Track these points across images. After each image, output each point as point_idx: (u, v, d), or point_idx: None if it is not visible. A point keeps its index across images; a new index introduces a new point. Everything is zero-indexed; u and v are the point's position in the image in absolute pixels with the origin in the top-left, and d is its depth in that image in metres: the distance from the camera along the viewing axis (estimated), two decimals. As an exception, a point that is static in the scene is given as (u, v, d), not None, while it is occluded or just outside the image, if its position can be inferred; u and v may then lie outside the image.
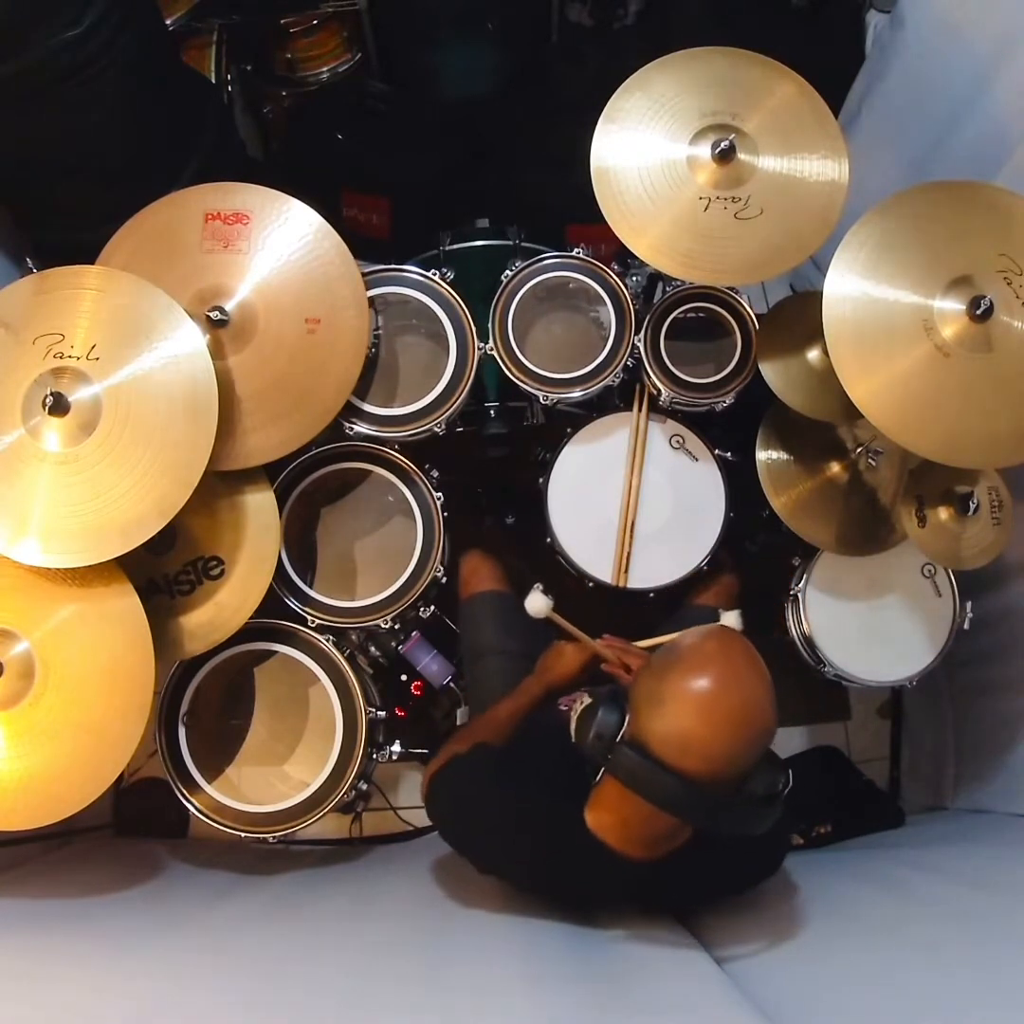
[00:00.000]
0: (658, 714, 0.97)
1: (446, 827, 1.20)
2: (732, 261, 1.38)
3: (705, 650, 0.99)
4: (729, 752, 0.96)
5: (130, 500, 1.28)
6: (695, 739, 0.95)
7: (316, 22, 2.22)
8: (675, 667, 0.98)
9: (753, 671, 0.98)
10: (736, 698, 0.95)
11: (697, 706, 0.95)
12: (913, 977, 1.06)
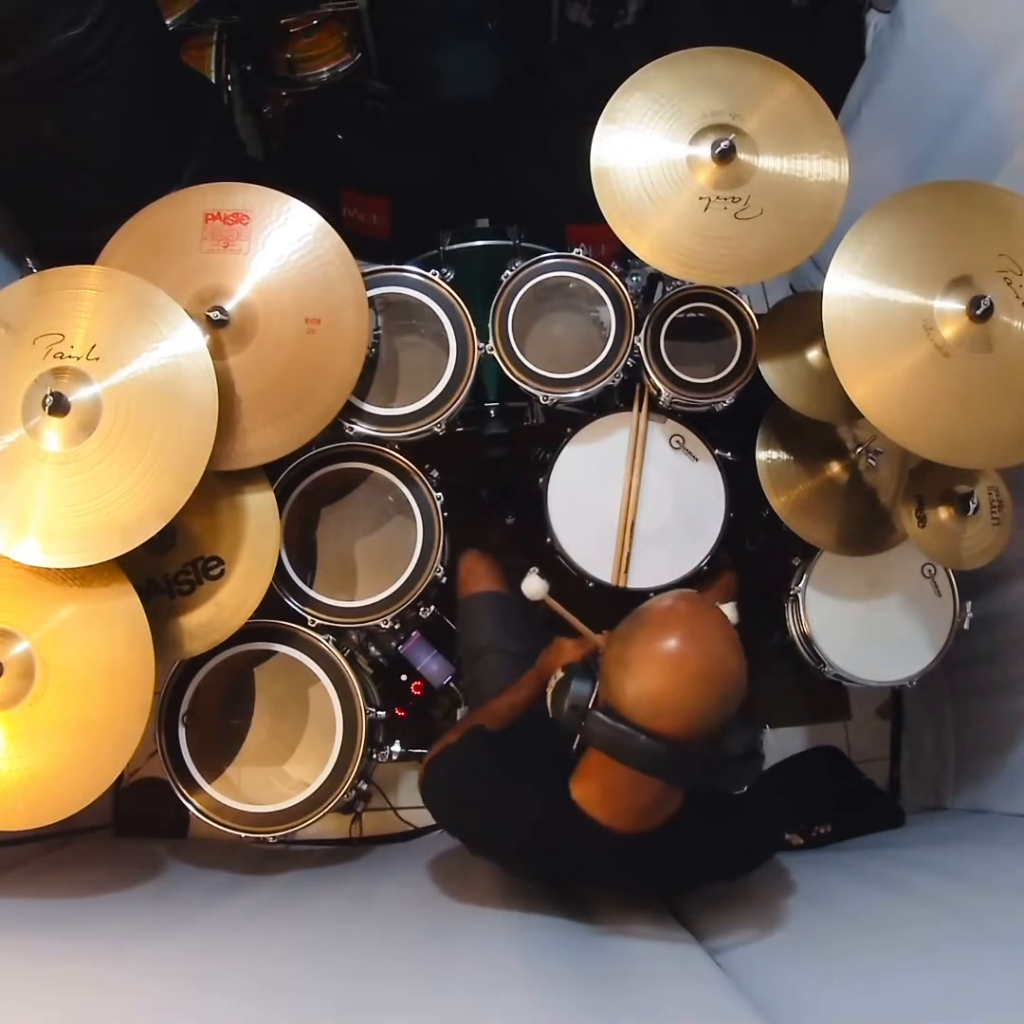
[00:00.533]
0: (627, 677, 0.98)
1: (439, 811, 1.21)
2: (732, 261, 1.38)
3: (668, 611, 1.01)
4: (700, 709, 0.96)
5: (130, 500, 1.28)
6: (666, 698, 0.96)
7: (316, 22, 2.22)
8: (641, 629, 1.00)
9: (717, 629, 1.00)
10: (702, 654, 0.97)
11: (665, 665, 0.96)
12: (913, 977, 1.06)
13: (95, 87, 1.52)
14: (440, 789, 1.20)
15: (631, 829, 1.09)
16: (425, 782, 1.22)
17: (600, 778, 1.08)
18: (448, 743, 1.23)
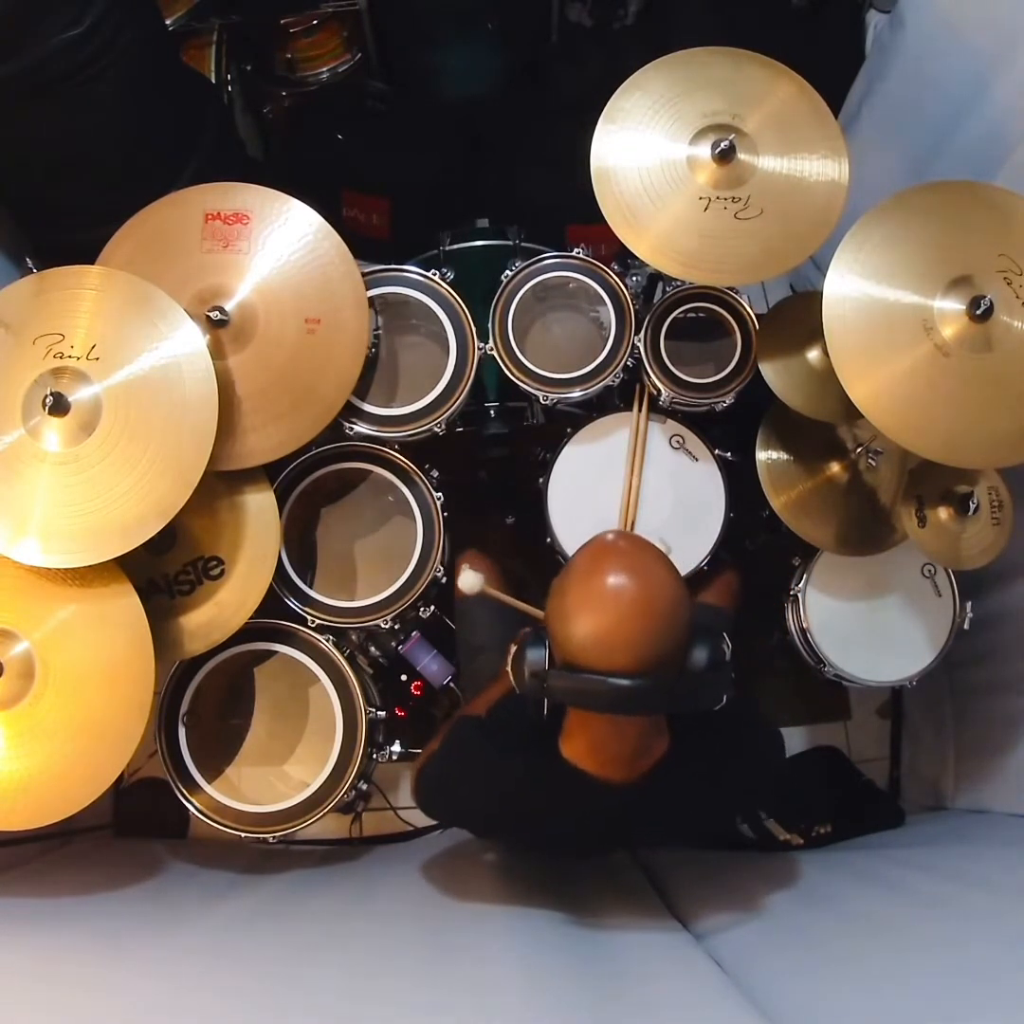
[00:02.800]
0: (572, 627, 0.98)
1: (438, 807, 1.23)
2: (732, 261, 1.38)
3: (590, 551, 1.02)
4: (650, 636, 0.96)
5: (130, 500, 1.28)
6: (613, 635, 0.96)
7: (316, 22, 2.22)
8: (570, 577, 1.00)
9: (642, 553, 1.01)
10: (634, 582, 0.96)
11: (602, 603, 0.96)
12: (913, 977, 1.06)
13: (95, 87, 1.52)
14: (433, 786, 1.21)
15: (625, 777, 1.09)
16: (418, 786, 1.23)
17: (583, 732, 1.08)
18: (432, 748, 1.24)
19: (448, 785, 1.20)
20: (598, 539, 1.05)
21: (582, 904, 1.33)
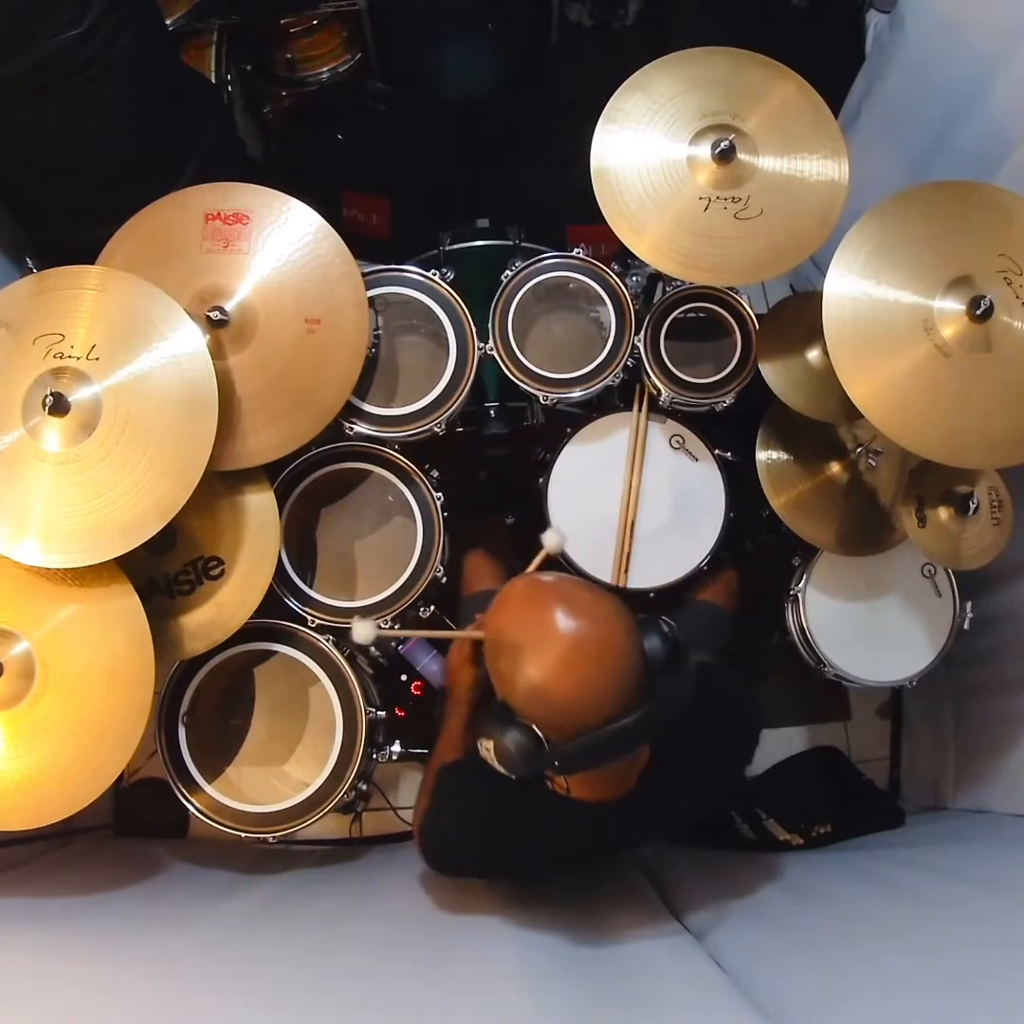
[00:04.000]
0: (551, 704, 0.95)
1: (448, 866, 1.23)
2: (732, 261, 1.38)
3: (523, 622, 0.98)
4: (623, 668, 0.95)
5: (130, 500, 1.28)
6: (593, 689, 0.94)
7: (316, 22, 2.21)
8: (521, 655, 0.96)
9: (559, 600, 0.97)
10: (583, 625, 0.95)
11: (568, 665, 0.93)
12: (912, 977, 1.06)
13: (95, 87, 1.52)
14: (436, 841, 1.21)
15: (618, 793, 1.10)
16: (423, 845, 1.21)
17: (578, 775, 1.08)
18: (423, 806, 1.23)
19: (450, 835, 1.20)
20: (523, 605, 1.00)
21: (582, 904, 1.33)
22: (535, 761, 0.98)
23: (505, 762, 1.00)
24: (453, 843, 1.20)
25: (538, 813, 1.13)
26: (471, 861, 1.21)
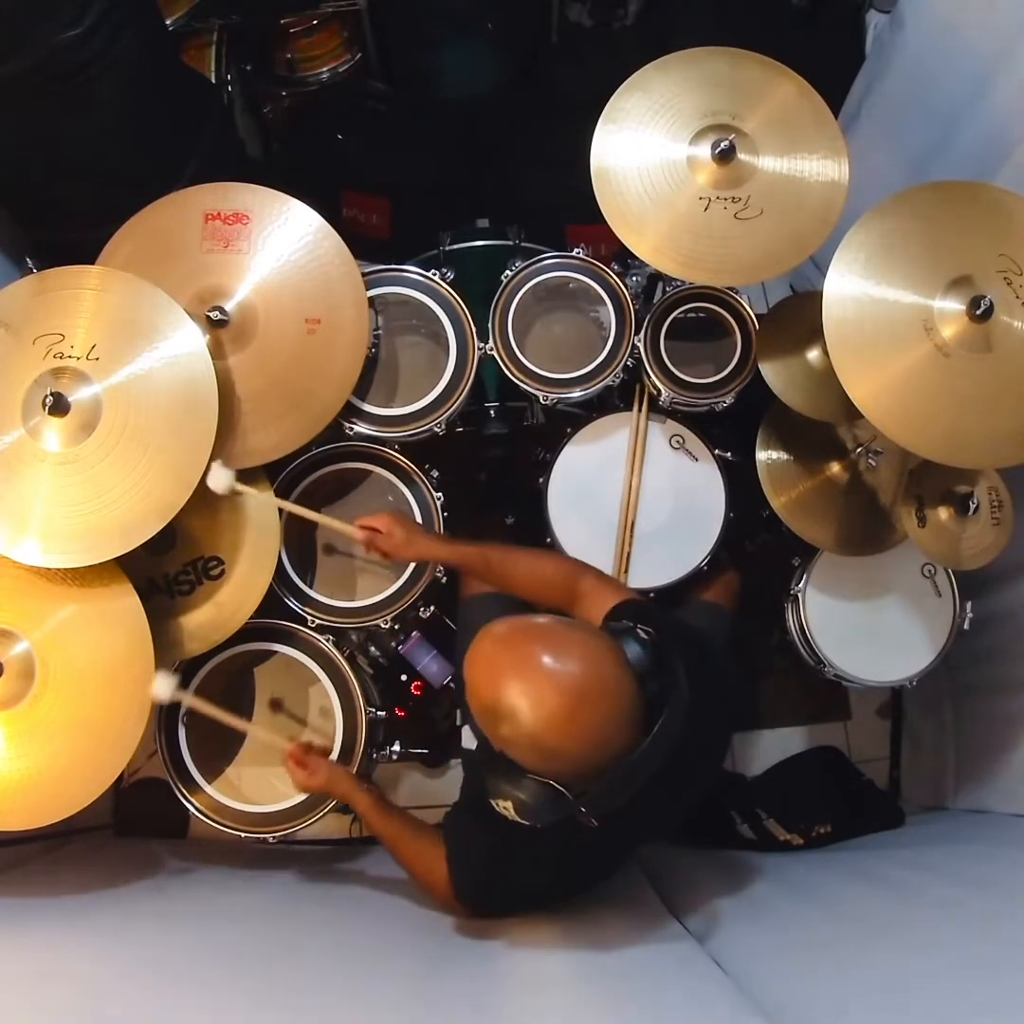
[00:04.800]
0: (564, 758, 0.94)
1: (494, 907, 1.22)
2: (732, 261, 1.38)
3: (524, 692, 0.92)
4: (625, 702, 0.94)
5: (130, 500, 1.28)
6: (605, 730, 0.93)
7: (316, 22, 2.21)
8: (521, 722, 0.92)
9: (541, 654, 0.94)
10: (571, 668, 0.92)
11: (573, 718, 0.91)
12: (913, 977, 1.06)
13: (95, 87, 1.52)
14: (473, 890, 1.20)
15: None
16: (463, 900, 1.20)
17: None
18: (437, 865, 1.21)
19: (483, 878, 1.19)
20: (504, 667, 0.95)
21: (582, 905, 1.33)
22: (558, 810, 0.96)
23: (528, 817, 0.98)
24: (485, 882, 1.19)
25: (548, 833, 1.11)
26: (513, 893, 1.20)
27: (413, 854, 1.27)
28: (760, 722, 2.12)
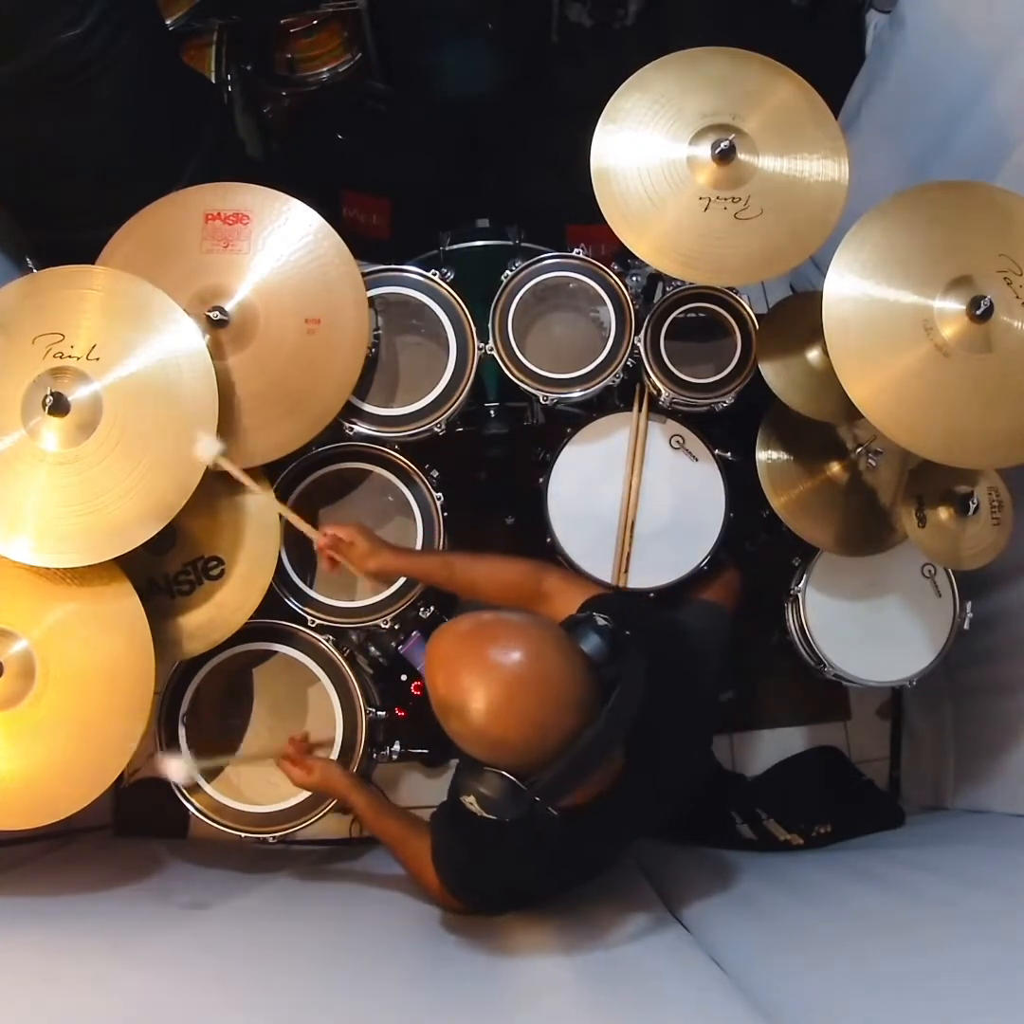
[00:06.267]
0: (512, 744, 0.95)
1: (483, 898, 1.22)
2: (732, 261, 1.38)
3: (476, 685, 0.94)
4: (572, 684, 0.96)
5: (130, 500, 1.28)
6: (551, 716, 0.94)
7: (316, 22, 2.22)
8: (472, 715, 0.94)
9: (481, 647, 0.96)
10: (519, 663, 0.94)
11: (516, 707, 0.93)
12: (912, 977, 1.06)
13: (95, 87, 1.52)
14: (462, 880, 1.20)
15: (610, 784, 1.10)
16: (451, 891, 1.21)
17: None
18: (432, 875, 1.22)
19: (466, 873, 1.19)
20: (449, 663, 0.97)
21: (581, 905, 1.33)
22: (518, 802, 0.98)
23: (491, 811, 1.00)
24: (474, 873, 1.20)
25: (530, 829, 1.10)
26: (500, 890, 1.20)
27: (410, 852, 1.28)
28: (760, 722, 2.12)
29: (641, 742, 1.10)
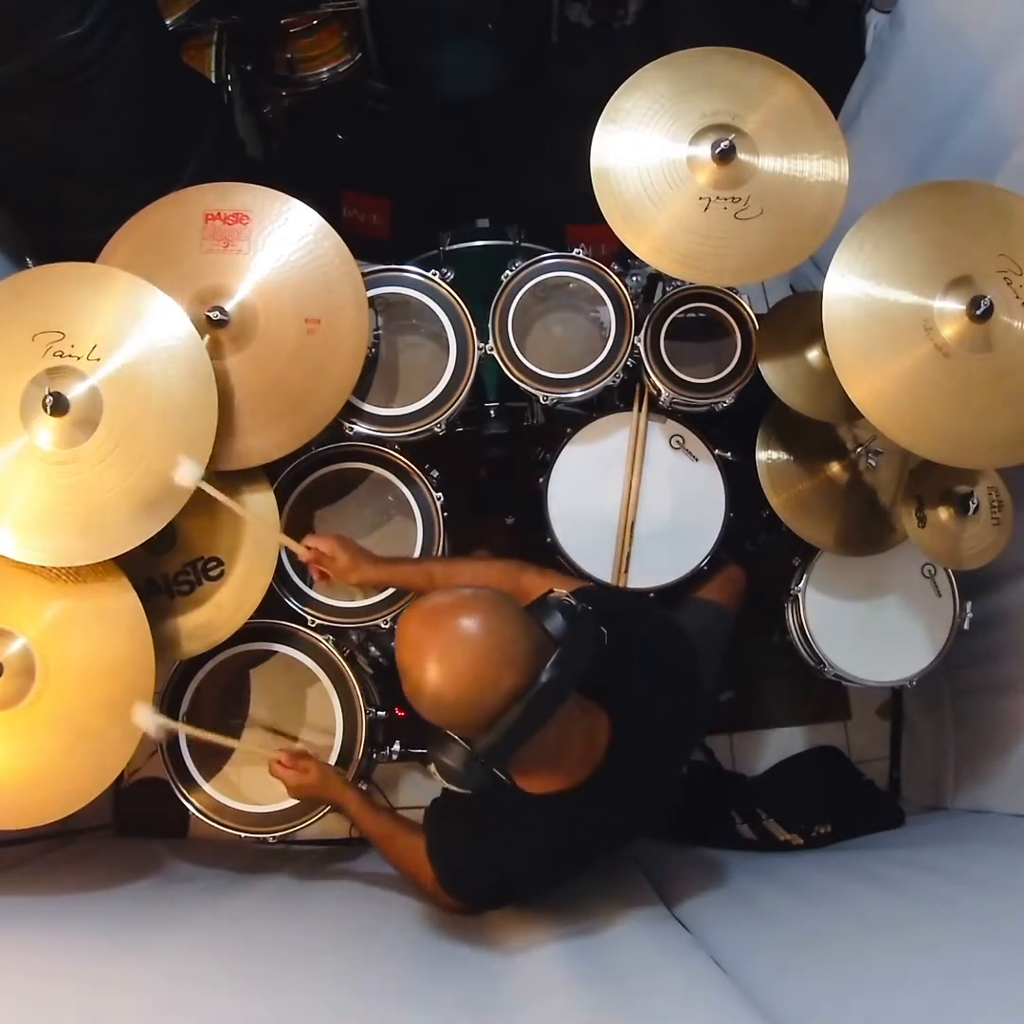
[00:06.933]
0: (450, 711, 0.98)
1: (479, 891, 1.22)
2: (732, 261, 1.38)
3: (411, 650, 0.99)
4: (495, 659, 0.97)
5: (129, 500, 1.28)
6: (484, 674, 0.96)
7: (316, 22, 2.22)
8: (414, 680, 0.98)
9: (425, 611, 1.01)
10: (437, 636, 0.97)
11: (440, 676, 0.96)
12: (912, 977, 1.06)
13: (95, 87, 1.52)
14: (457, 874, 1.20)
15: (591, 772, 1.11)
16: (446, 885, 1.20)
17: (532, 763, 1.09)
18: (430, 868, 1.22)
19: (461, 865, 1.19)
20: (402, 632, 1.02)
21: (581, 905, 1.33)
22: (471, 767, 1.00)
23: (450, 778, 1.03)
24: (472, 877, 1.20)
25: (520, 820, 1.13)
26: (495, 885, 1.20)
27: (402, 850, 1.29)
28: (760, 722, 2.12)
29: (626, 720, 1.12)
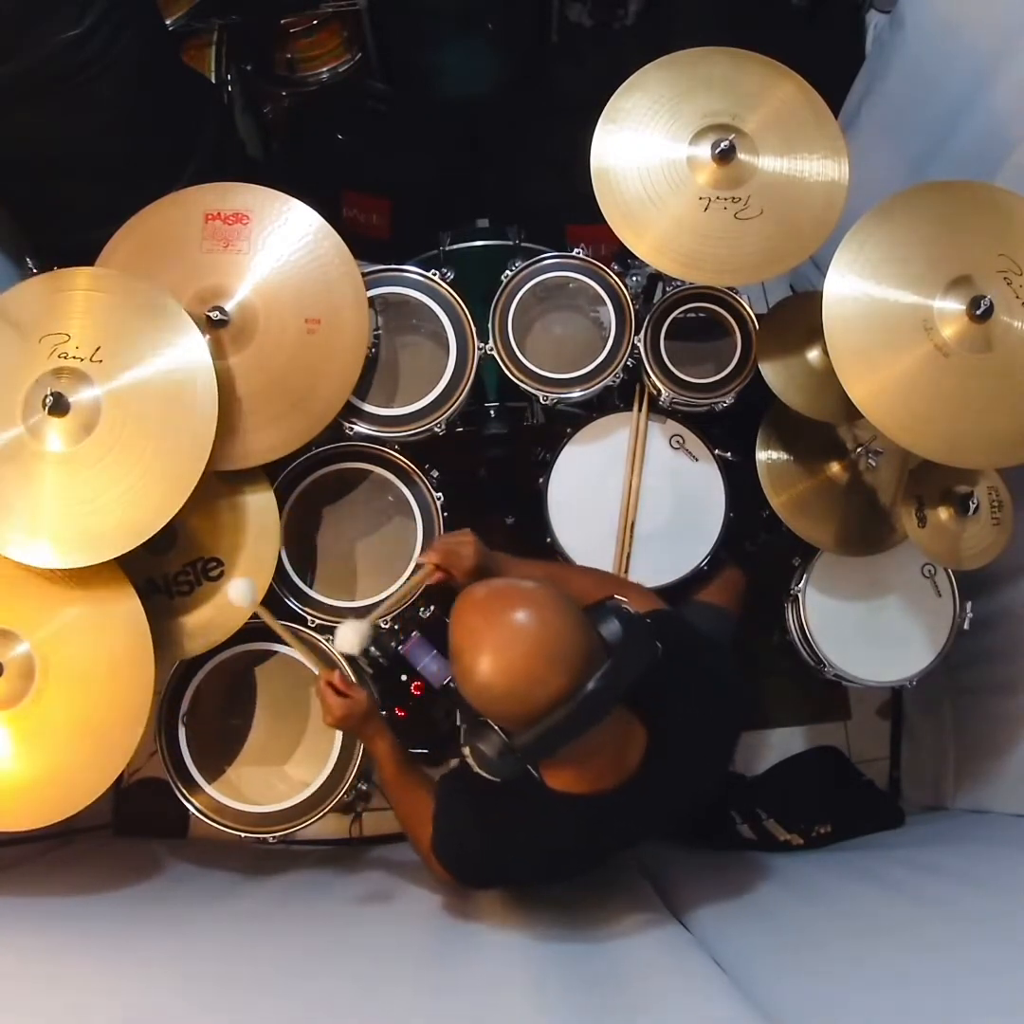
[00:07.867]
0: (497, 703, 0.98)
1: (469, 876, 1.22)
2: (732, 261, 1.38)
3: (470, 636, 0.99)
4: (563, 648, 0.96)
5: (130, 500, 1.28)
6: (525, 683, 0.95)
7: (316, 22, 2.22)
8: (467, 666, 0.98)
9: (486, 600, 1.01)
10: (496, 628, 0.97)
11: (504, 655, 0.96)
12: (913, 977, 1.06)
13: (95, 87, 1.52)
14: (455, 851, 1.20)
15: (618, 781, 1.10)
16: (442, 860, 1.20)
17: (561, 762, 1.08)
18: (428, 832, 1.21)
19: (461, 840, 1.19)
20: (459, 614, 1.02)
21: (582, 906, 1.33)
22: (506, 758, 1.00)
23: (482, 765, 1.02)
24: (468, 847, 1.19)
25: (537, 813, 1.12)
26: (488, 866, 1.20)
27: (413, 804, 1.27)
28: (760, 722, 2.12)
29: (665, 730, 1.11)
